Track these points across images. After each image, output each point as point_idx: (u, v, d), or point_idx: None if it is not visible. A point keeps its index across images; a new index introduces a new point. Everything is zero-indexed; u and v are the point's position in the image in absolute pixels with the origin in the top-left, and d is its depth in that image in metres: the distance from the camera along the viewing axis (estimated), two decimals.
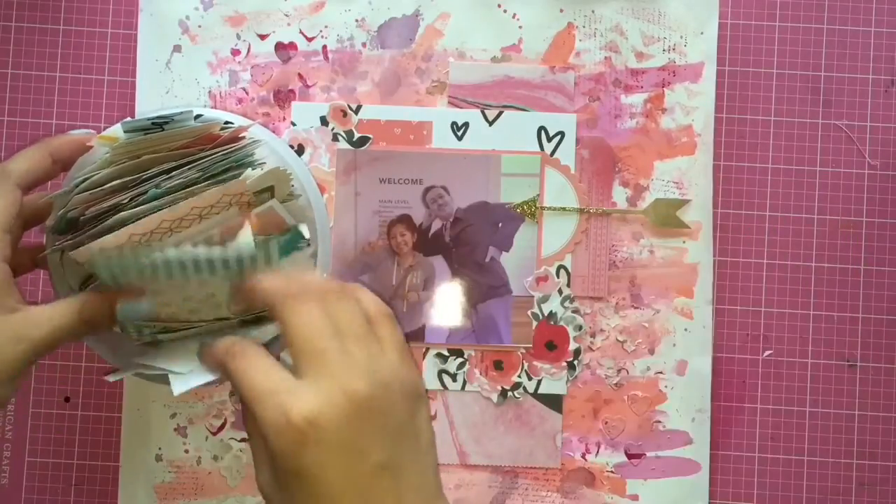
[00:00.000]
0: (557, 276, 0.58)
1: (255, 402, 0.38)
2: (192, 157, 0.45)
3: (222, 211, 0.47)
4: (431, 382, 0.58)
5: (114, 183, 0.44)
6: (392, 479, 0.38)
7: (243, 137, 0.47)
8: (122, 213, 0.44)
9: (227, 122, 0.47)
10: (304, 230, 0.48)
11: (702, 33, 0.59)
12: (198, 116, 0.46)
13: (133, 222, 0.44)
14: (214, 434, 0.58)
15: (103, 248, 0.44)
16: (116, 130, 0.46)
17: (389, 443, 0.39)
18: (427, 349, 0.58)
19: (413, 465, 0.39)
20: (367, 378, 0.39)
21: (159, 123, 0.45)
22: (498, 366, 0.58)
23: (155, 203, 0.45)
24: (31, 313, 0.44)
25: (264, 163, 0.47)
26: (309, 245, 0.48)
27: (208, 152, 0.45)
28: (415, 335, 0.58)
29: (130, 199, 0.44)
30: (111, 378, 0.46)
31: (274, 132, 0.58)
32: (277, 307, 0.40)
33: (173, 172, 0.45)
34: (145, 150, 0.45)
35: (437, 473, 0.41)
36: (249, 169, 0.46)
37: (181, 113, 0.45)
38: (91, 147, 0.47)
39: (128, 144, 0.45)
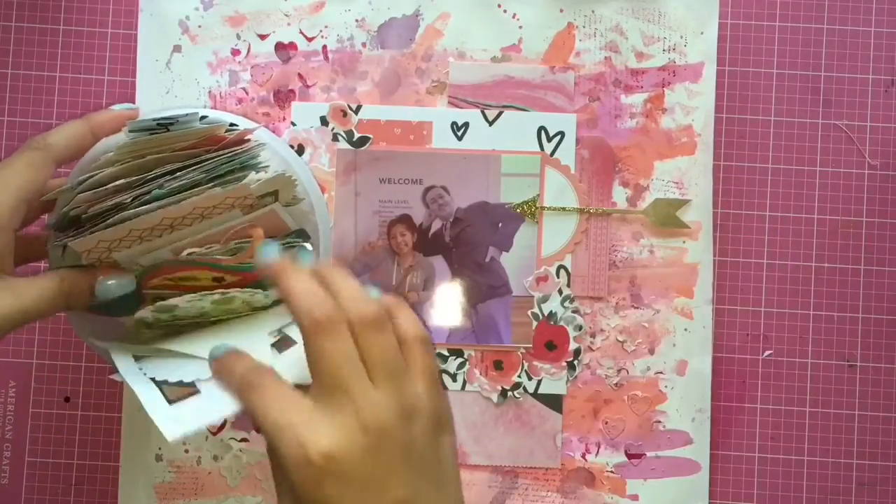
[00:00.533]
0: (557, 276, 0.58)
1: (273, 436, 0.38)
2: (197, 158, 0.45)
3: (224, 212, 0.47)
4: None
5: (117, 182, 0.44)
6: None
7: (248, 140, 0.47)
8: (124, 212, 0.44)
9: (232, 124, 0.47)
10: (308, 246, 0.49)
11: (702, 33, 0.59)
12: (203, 118, 0.46)
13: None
14: (214, 434, 0.58)
15: (102, 240, 0.44)
16: (118, 137, 0.46)
17: (411, 477, 0.38)
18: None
19: (436, 497, 0.39)
20: (390, 413, 0.38)
21: (164, 124, 0.45)
22: (498, 366, 0.58)
23: (158, 203, 0.45)
24: (16, 286, 0.44)
25: (268, 166, 0.47)
26: (311, 256, 0.48)
27: (213, 154, 0.46)
28: None
29: (133, 199, 0.45)
30: (117, 377, 0.46)
31: (274, 132, 0.58)
32: (307, 332, 0.39)
33: (177, 173, 0.45)
34: (150, 150, 0.45)
35: (463, 502, 0.40)
36: (253, 172, 0.46)
37: (186, 114, 0.45)
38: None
39: (132, 144, 0.45)
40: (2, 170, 0.44)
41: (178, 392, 0.44)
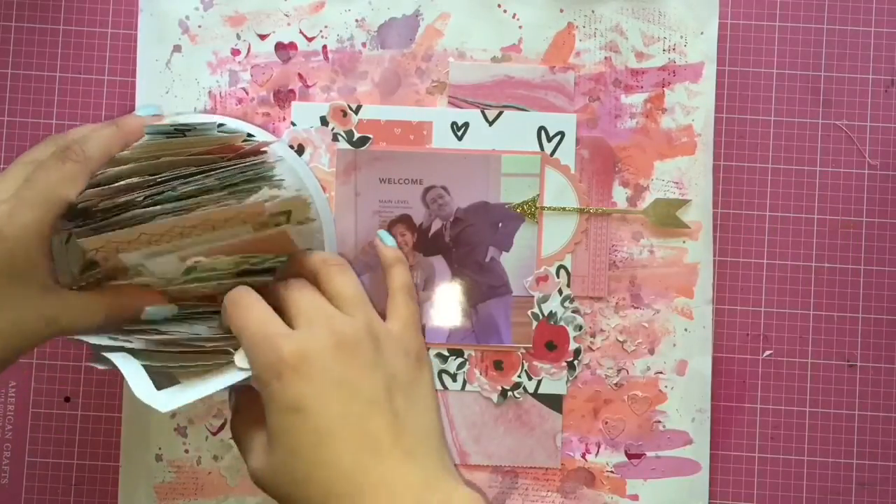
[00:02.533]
0: (557, 276, 0.58)
1: (251, 346, 0.41)
2: (212, 165, 0.45)
3: (235, 226, 0.47)
4: None
5: (130, 180, 0.44)
6: (388, 419, 0.40)
7: (265, 152, 0.47)
8: (135, 210, 0.44)
9: (249, 135, 0.47)
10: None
11: (702, 33, 0.59)
12: (220, 126, 0.46)
13: (146, 222, 0.44)
14: (214, 434, 0.58)
15: (111, 241, 0.44)
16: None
17: (382, 388, 0.41)
18: (427, 349, 0.58)
19: (411, 414, 0.41)
20: (358, 329, 0.42)
21: (182, 130, 0.45)
22: (498, 366, 0.58)
23: (168, 206, 0.45)
24: (66, 299, 0.45)
25: (283, 180, 0.48)
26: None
27: (228, 162, 0.46)
28: None
29: (145, 198, 0.45)
30: (98, 365, 0.46)
31: (274, 132, 0.58)
32: (279, 288, 0.44)
33: (191, 178, 0.45)
34: (165, 152, 0.45)
35: (442, 435, 0.43)
36: (267, 188, 0.47)
37: (205, 122, 0.46)
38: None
39: (149, 145, 0.45)
40: (38, 175, 0.43)
41: (164, 381, 0.44)
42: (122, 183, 0.44)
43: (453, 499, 0.39)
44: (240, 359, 0.44)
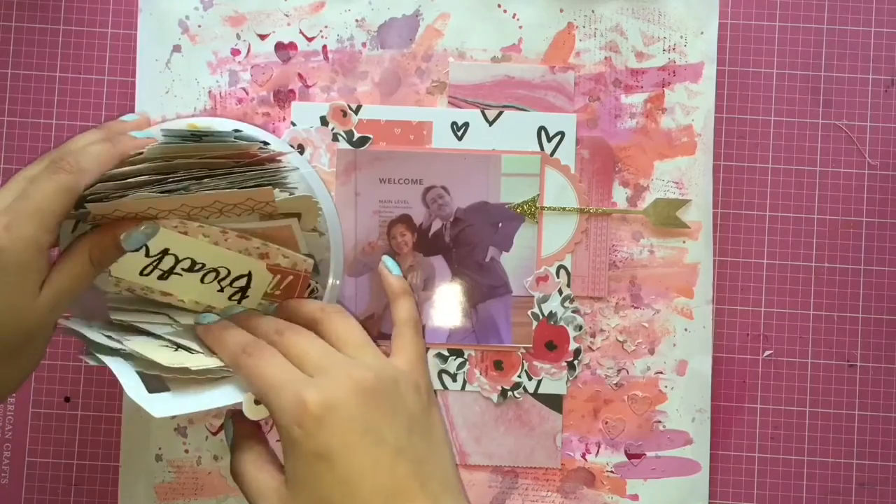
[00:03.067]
0: (557, 276, 0.58)
1: (271, 392, 0.40)
2: (226, 169, 0.45)
3: (243, 213, 0.47)
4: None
5: (142, 178, 0.44)
6: (412, 465, 0.39)
7: (280, 161, 0.47)
8: (144, 192, 0.45)
9: (265, 143, 0.47)
10: (319, 290, 0.51)
11: (702, 33, 0.59)
12: (237, 132, 0.46)
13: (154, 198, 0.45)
14: (214, 434, 0.58)
15: (119, 210, 0.45)
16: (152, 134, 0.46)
17: (404, 431, 0.40)
18: (427, 349, 0.58)
19: (431, 457, 0.41)
20: (373, 372, 0.41)
21: (198, 135, 0.45)
22: (498, 366, 0.58)
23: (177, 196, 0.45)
24: (52, 280, 0.44)
25: (296, 188, 0.48)
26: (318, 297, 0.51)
27: (242, 167, 0.46)
28: None
29: (155, 191, 0.45)
30: (90, 360, 0.46)
31: (274, 132, 0.58)
32: (275, 339, 0.44)
33: (204, 180, 0.45)
34: (180, 155, 0.45)
35: (457, 469, 0.42)
36: (278, 191, 0.47)
37: (221, 130, 0.46)
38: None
39: (164, 147, 0.45)
40: (32, 188, 0.43)
41: (156, 384, 0.44)
42: (133, 179, 0.44)
43: None
44: (248, 406, 0.44)
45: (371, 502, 0.38)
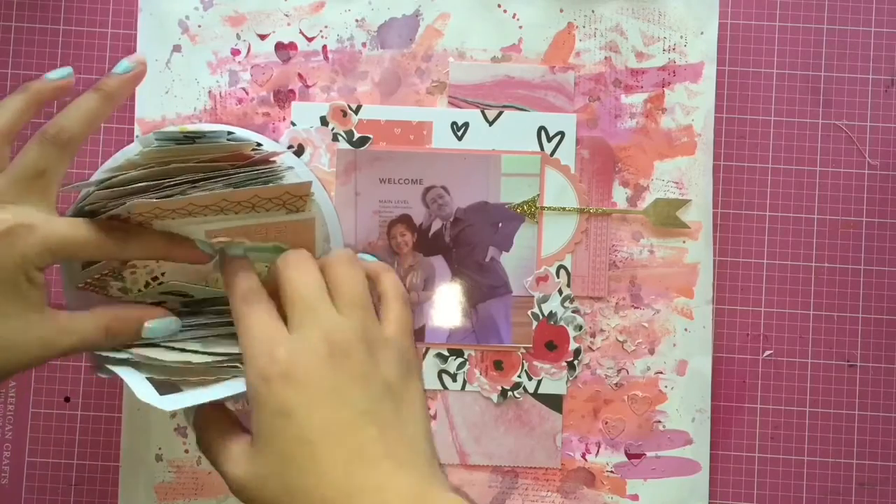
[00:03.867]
0: (557, 276, 0.58)
1: (248, 347, 0.41)
2: (221, 171, 0.45)
3: (272, 209, 0.47)
4: (431, 382, 0.58)
5: (139, 185, 0.44)
6: (378, 429, 0.39)
7: (274, 161, 0.47)
8: (143, 197, 0.45)
9: (258, 144, 0.47)
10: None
11: (702, 33, 0.59)
12: (230, 134, 0.46)
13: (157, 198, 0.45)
14: None
15: (130, 209, 0.45)
16: (146, 140, 0.46)
17: (375, 397, 0.40)
18: (427, 349, 0.58)
19: (401, 424, 0.40)
20: (352, 335, 0.41)
21: (191, 137, 0.45)
22: (498, 366, 0.58)
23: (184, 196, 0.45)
24: (61, 321, 0.44)
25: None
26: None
27: (238, 168, 0.46)
28: (415, 335, 0.58)
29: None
30: (101, 374, 0.46)
31: (274, 132, 0.58)
32: (278, 269, 0.43)
33: (200, 183, 0.45)
34: (175, 159, 0.45)
35: (432, 444, 0.42)
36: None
37: (214, 130, 0.46)
38: (69, 85, 0.48)
39: (158, 151, 0.45)
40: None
41: (167, 390, 0.44)
42: (131, 186, 0.44)
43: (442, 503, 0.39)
44: None
45: (331, 460, 0.38)
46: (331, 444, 0.38)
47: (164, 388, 0.44)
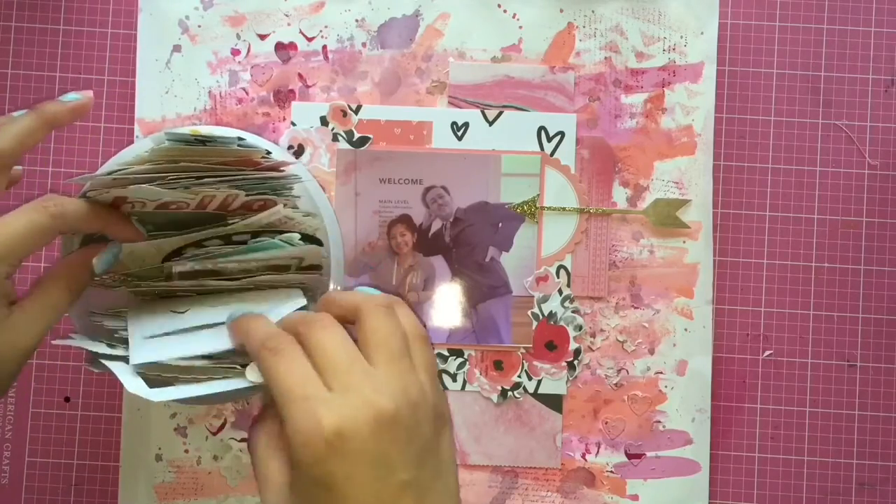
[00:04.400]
0: (557, 276, 0.58)
1: (286, 404, 0.38)
2: (229, 174, 0.46)
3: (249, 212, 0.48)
4: None
5: (144, 175, 0.45)
6: (416, 497, 0.38)
7: (283, 171, 0.47)
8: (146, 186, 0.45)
9: (268, 152, 0.47)
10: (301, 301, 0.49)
11: (702, 33, 0.59)
12: (240, 140, 0.47)
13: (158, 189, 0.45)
14: (214, 434, 0.58)
15: (136, 191, 0.45)
16: (158, 138, 0.46)
17: (414, 462, 0.38)
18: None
19: (435, 486, 0.39)
20: (395, 396, 0.38)
21: (202, 140, 0.45)
22: (498, 366, 0.58)
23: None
24: (26, 307, 0.44)
25: (299, 197, 0.48)
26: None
27: (247, 173, 0.46)
28: None
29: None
30: (93, 368, 0.46)
31: (274, 132, 0.58)
32: (302, 331, 0.40)
33: (205, 180, 0.45)
34: (184, 158, 0.45)
35: (458, 497, 0.41)
36: (281, 205, 0.47)
37: (224, 136, 0.46)
38: (89, 106, 0.47)
39: (169, 150, 0.45)
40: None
41: (159, 383, 0.44)
42: (135, 175, 0.45)
43: None
44: (251, 373, 0.44)
45: None
46: None
47: (156, 383, 0.44)
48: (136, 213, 0.47)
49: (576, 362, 0.58)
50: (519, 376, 0.58)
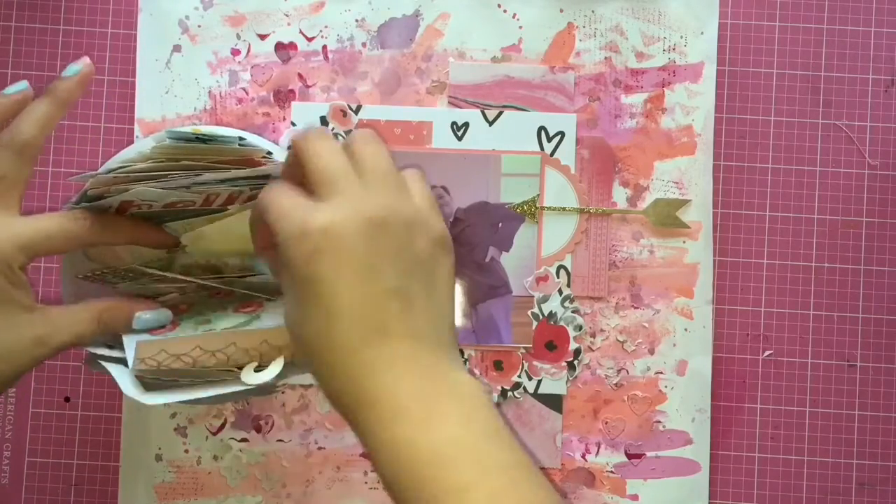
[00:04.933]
0: (557, 276, 0.58)
1: (278, 218, 0.40)
2: (230, 173, 0.46)
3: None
4: None
5: (144, 173, 0.45)
6: (403, 305, 0.39)
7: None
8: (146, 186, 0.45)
9: (269, 153, 0.47)
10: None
11: (702, 33, 0.59)
12: (241, 140, 0.47)
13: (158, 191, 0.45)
14: (214, 434, 0.58)
15: (139, 192, 0.45)
16: (159, 137, 0.46)
17: (404, 272, 0.39)
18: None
19: (427, 303, 0.40)
20: (385, 207, 0.40)
21: (203, 139, 0.46)
22: (498, 366, 0.58)
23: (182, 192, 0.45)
24: (53, 317, 0.45)
25: None
26: None
27: (245, 173, 0.46)
28: None
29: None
30: (92, 368, 0.47)
31: (274, 132, 0.58)
32: (300, 144, 0.41)
33: (207, 177, 0.45)
34: (185, 157, 0.45)
35: (454, 328, 0.41)
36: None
37: (225, 136, 0.46)
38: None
39: (170, 148, 0.45)
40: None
41: (156, 387, 0.44)
42: (135, 174, 0.45)
43: (457, 382, 0.39)
44: (246, 374, 0.44)
45: (350, 331, 0.38)
46: (351, 317, 0.38)
47: (153, 385, 0.44)
48: (143, 214, 0.47)
49: (576, 362, 0.58)
50: (519, 376, 0.58)
